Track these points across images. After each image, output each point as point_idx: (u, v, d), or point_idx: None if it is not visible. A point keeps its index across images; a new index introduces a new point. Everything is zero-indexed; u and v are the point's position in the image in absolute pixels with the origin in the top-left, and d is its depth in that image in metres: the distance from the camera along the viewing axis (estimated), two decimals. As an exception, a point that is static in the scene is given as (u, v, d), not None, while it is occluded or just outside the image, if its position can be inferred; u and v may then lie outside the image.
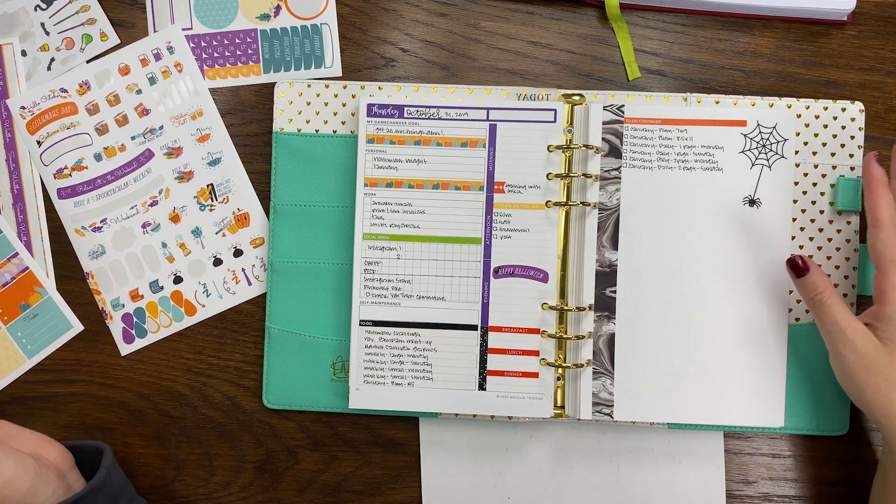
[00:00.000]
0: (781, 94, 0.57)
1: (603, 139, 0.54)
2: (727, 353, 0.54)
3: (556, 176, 0.54)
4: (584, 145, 0.54)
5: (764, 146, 0.54)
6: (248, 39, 0.59)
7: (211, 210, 0.58)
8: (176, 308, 0.58)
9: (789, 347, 0.54)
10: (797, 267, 0.50)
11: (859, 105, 0.56)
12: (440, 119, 0.55)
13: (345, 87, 0.57)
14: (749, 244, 0.54)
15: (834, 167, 0.55)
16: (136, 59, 0.59)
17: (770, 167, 0.54)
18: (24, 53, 0.59)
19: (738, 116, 0.55)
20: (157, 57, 0.59)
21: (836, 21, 0.58)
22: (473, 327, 0.55)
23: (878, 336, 0.48)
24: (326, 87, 0.57)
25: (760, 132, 0.55)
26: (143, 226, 0.58)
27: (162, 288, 0.58)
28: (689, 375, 0.54)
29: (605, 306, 0.54)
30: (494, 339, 0.54)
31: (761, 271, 0.54)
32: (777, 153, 0.55)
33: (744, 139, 0.54)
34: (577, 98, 0.55)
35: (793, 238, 0.55)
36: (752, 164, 0.54)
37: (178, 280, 0.58)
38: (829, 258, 0.55)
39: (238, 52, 0.59)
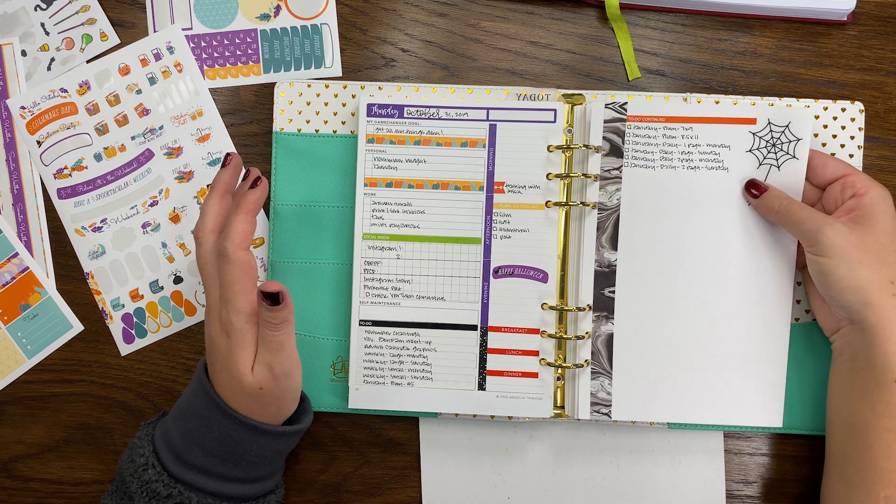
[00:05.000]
0: (781, 94, 0.57)
1: (604, 138, 0.54)
2: (727, 353, 0.54)
3: (556, 176, 0.54)
4: (584, 145, 0.54)
5: (774, 145, 0.54)
6: (248, 39, 0.59)
7: (211, 210, 0.58)
8: (176, 308, 0.58)
9: (789, 348, 0.54)
10: (758, 187, 0.53)
11: (859, 105, 0.56)
12: (440, 119, 0.55)
13: (345, 87, 0.57)
14: (752, 245, 0.54)
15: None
16: (136, 59, 0.59)
17: (779, 167, 0.53)
18: (24, 53, 0.59)
19: (748, 114, 0.54)
20: (157, 57, 0.59)
21: (836, 21, 0.58)
22: (473, 327, 0.55)
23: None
24: (326, 87, 0.57)
25: (771, 130, 0.54)
26: (143, 226, 0.58)
27: (162, 288, 0.58)
28: (688, 375, 0.54)
29: (603, 306, 0.54)
30: (494, 339, 0.54)
31: (764, 272, 0.54)
32: (787, 153, 0.53)
33: (752, 137, 0.54)
34: (577, 98, 0.55)
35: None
36: (760, 164, 0.54)
37: (178, 280, 0.58)
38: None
39: (238, 52, 0.59)
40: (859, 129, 0.56)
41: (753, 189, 0.53)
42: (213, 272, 0.49)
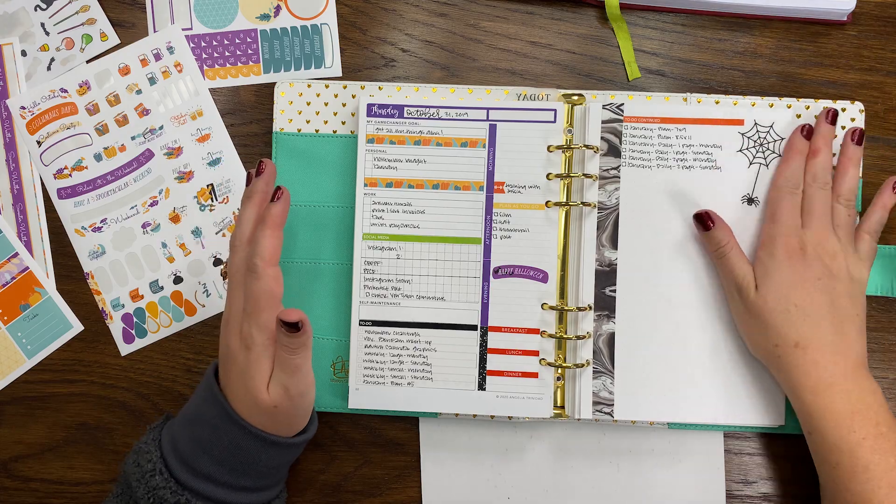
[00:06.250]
0: (781, 94, 0.57)
1: (602, 138, 0.54)
2: (727, 351, 0.54)
3: (556, 176, 0.54)
4: (584, 145, 0.54)
5: (761, 145, 0.55)
6: (248, 39, 0.59)
7: (211, 210, 0.58)
8: (176, 308, 0.58)
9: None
10: (704, 221, 0.53)
11: (859, 105, 0.56)
12: (440, 119, 0.55)
13: (345, 87, 0.57)
14: (749, 242, 0.54)
15: (834, 167, 0.55)
16: (136, 59, 0.59)
17: (767, 166, 0.54)
18: (24, 53, 0.59)
19: (736, 115, 0.55)
20: (157, 57, 0.59)
21: (836, 21, 0.58)
22: (473, 327, 0.55)
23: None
24: (326, 87, 0.57)
25: (758, 131, 0.55)
26: (143, 226, 0.58)
27: (162, 288, 0.58)
28: (689, 375, 0.54)
29: (605, 305, 0.54)
30: (494, 339, 0.54)
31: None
32: (774, 152, 0.55)
33: (741, 138, 0.55)
34: (576, 98, 0.55)
35: None
36: (750, 163, 0.55)
37: (178, 280, 0.58)
38: (829, 258, 0.55)
39: (238, 52, 0.59)
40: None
41: (699, 221, 0.53)
42: (242, 282, 0.48)
